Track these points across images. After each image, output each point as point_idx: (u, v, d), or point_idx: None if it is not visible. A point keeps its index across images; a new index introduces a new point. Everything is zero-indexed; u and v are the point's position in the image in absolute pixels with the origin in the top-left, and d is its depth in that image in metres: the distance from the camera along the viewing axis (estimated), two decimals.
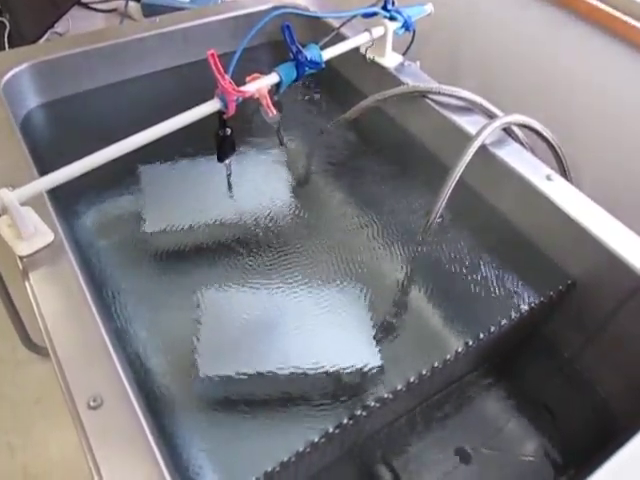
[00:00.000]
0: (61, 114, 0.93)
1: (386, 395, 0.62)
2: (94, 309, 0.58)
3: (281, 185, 0.88)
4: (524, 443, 0.78)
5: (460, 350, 0.66)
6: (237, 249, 0.78)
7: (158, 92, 1.01)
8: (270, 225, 0.81)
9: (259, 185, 0.88)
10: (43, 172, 0.66)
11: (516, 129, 0.85)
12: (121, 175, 0.84)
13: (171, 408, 0.60)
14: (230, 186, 0.87)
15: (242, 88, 0.73)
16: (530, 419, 0.80)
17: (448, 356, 0.66)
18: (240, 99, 0.73)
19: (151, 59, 0.99)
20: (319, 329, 0.69)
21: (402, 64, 0.95)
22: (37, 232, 0.63)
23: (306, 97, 1.05)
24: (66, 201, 0.77)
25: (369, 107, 0.92)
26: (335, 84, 1.05)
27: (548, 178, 0.77)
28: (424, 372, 0.64)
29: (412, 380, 0.63)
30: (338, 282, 0.75)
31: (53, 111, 0.93)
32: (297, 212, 0.84)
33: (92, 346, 0.55)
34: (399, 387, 0.63)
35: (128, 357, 0.62)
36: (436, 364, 0.65)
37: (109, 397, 0.51)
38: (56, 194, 0.71)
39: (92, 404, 0.50)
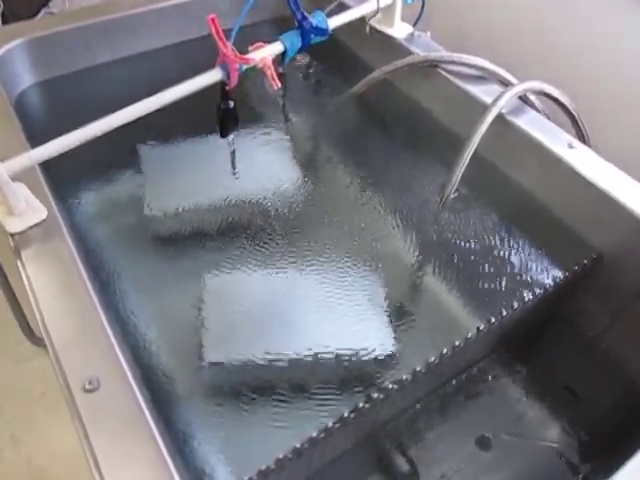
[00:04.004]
0: (57, 92, 0.91)
1: (404, 377, 0.59)
2: (90, 288, 0.55)
3: (287, 163, 0.85)
4: (547, 429, 0.75)
5: (482, 328, 0.63)
6: (242, 230, 0.75)
7: (156, 69, 0.98)
8: (276, 204, 0.78)
9: (264, 163, 0.85)
10: None
11: (532, 97, 0.81)
12: (120, 154, 0.81)
13: (173, 393, 0.58)
14: (234, 164, 0.84)
15: (246, 56, 0.70)
16: (553, 403, 0.77)
17: (469, 334, 0.62)
18: (243, 68, 0.70)
19: (149, 35, 0.97)
20: (331, 312, 0.66)
21: (412, 34, 0.92)
22: (29, 208, 0.60)
23: (312, 71, 1.02)
24: (62, 180, 0.74)
25: (378, 80, 0.88)
26: (341, 57, 1.02)
27: (570, 146, 0.74)
28: (445, 351, 0.61)
29: (432, 360, 0.60)
30: (349, 263, 0.71)
31: (48, 89, 0.91)
32: (304, 191, 0.80)
33: (88, 327, 0.52)
34: (418, 368, 0.59)
35: (126, 340, 0.59)
36: (457, 342, 0.61)
37: (106, 380, 0.48)
38: (51, 172, 0.68)
39: (88, 387, 0.48)
